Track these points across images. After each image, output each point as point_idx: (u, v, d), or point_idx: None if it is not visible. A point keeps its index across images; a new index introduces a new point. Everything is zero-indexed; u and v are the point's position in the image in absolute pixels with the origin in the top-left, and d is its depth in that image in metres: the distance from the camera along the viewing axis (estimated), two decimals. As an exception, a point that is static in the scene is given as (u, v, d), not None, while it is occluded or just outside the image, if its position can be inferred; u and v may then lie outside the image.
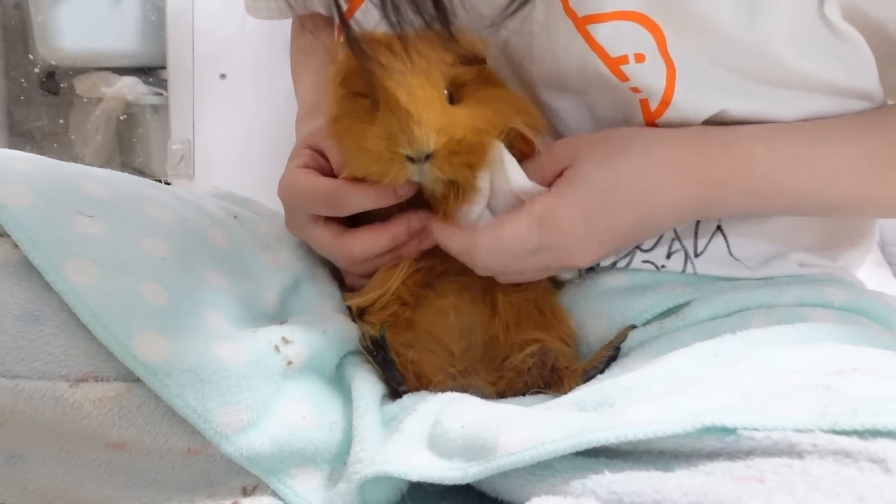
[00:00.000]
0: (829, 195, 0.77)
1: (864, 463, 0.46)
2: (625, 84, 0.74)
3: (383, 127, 0.69)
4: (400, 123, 0.68)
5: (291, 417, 0.68)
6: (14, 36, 1.99)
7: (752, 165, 0.74)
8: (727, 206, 0.76)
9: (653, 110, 0.75)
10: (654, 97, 0.74)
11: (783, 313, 0.74)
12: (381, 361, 0.74)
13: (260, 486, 0.66)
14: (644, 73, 0.73)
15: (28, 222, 0.64)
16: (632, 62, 0.73)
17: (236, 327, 0.70)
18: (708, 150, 0.73)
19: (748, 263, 0.81)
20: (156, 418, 0.64)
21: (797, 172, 0.75)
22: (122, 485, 0.65)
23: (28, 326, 0.62)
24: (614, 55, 0.73)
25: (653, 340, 0.75)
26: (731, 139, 0.74)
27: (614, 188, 0.72)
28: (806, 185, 0.75)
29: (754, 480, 0.47)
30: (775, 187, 0.75)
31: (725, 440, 0.51)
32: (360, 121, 0.72)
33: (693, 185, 0.74)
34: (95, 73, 1.98)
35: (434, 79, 0.70)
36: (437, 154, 0.68)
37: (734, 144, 0.74)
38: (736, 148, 0.74)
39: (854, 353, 0.65)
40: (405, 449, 0.63)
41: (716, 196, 0.75)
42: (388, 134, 0.69)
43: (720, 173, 0.74)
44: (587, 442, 0.54)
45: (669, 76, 0.73)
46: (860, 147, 0.75)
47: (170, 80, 1.82)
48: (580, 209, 0.72)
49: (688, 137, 0.74)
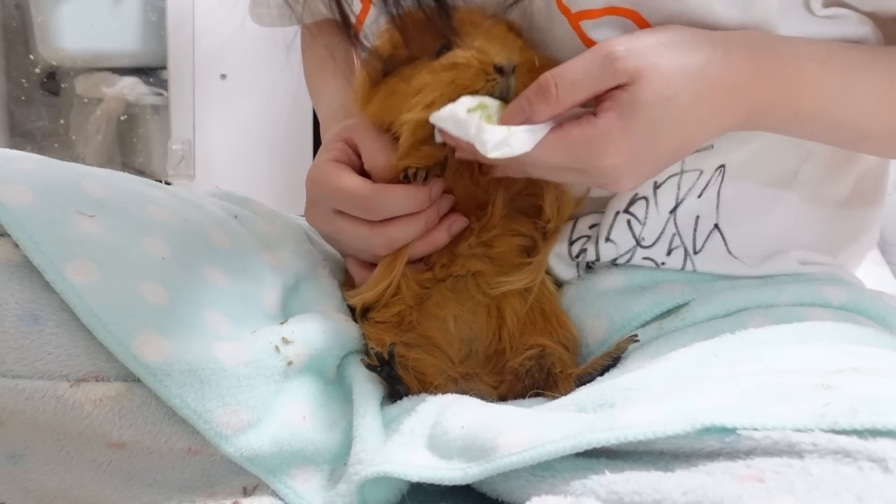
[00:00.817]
0: (863, 125, 0.75)
1: (863, 462, 0.46)
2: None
3: (471, 45, 0.72)
4: (486, 35, 0.72)
5: (291, 418, 0.68)
6: (15, 36, 1.99)
7: (801, 85, 0.71)
8: (767, 125, 0.74)
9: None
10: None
11: (782, 313, 0.74)
12: (387, 376, 0.74)
13: (260, 485, 0.66)
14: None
15: (28, 222, 0.64)
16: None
17: (236, 327, 0.70)
18: (762, 67, 0.69)
19: (747, 261, 0.81)
20: (156, 418, 0.64)
21: (841, 99, 0.73)
22: (123, 484, 0.65)
23: (29, 326, 0.62)
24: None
25: (652, 341, 0.75)
26: (786, 55, 0.71)
27: (668, 117, 0.67)
28: (846, 113, 0.74)
29: (754, 480, 0.47)
30: (817, 112, 0.73)
31: (725, 440, 0.51)
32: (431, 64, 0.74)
33: (742, 107, 0.70)
34: (96, 73, 1.98)
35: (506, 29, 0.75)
36: (519, 68, 0.71)
37: (788, 62, 0.71)
38: (789, 66, 0.71)
39: (853, 353, 0.65)
40: (405, 449, 0.63)
41: (759, 115, 0.72)
42: (478, 48, 0.71)
43: (769, 92, 0.70)
44: (587, 443, 0.54)
45: None
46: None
47: (170, 81, 1.82)
48: (630, 142, 0.67)
49: (745, 52, 0.69)
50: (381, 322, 0.79)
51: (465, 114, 0.69)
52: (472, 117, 0.69)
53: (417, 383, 0.75)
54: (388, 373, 0.73)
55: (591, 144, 0.67)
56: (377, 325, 0.79)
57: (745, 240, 0.81)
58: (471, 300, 0.78)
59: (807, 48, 0.72)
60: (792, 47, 0.71)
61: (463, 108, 0.70)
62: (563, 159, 0.68)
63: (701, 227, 0.80)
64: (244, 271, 0.76)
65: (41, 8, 1.88)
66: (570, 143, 0.67)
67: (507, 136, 0.66)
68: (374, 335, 0.78)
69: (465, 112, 0.69)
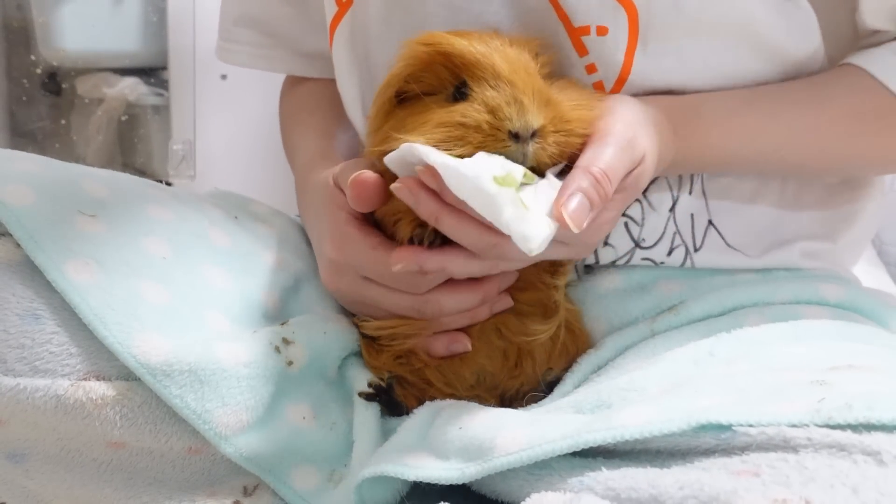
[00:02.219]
0: (774, 166, 0.78)
1: (858, 456, 0.47)
2: (582, 60, 0.74)
3: (483, 101, 0.63)
4: (505, 95, 0.62)
5: (291, 418, 0.68)
6: (16, 37, 1.99)
7: (708, 149, 0.75)
8: (679, 172, 0.78)
9: (609, 91, 0.74)
10: (610, 75, 0.74)
11: (778, 311, 0.74)
12: (386, 403, 0.73)
13: (261, 485, 0.67)
14: (604, 46, 0.72)
15: (30, 222, 0.64)
16: (593, 34, 0.72)
17: (236, 327, 0.70)
18: (678, 138, 0.73)
19: (749, 251, 0.81)
20: (157, 417, 0.64)
21: (746, 150, 0.76)
22: (123, 484, 0.65)
23: (30, 325, 0.62)
24: (578, 24, 0.73)
25: (647, 341, 0.75)
26: (694, 122, 0.74)
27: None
28: (753, 157, 0.77)
29: (750, 474, 0.47)
30: (725, 163, 0.77)
31: (721, 437, 0.51)
32: (442, 111, 0.65)
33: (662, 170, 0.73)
34: (97, 73, 1.98)
35: (530, 65, 0.66)
36: (542, 131, 0.62)
37: (696, 131, 0.74)
38: (698, 135, 0.74)
39: (849, 350, 0.65)
40: (403, 450, 0.63)
41: (671, 171, 0.76)
42: (491, 107, 0.62)
43: (681, 156, 0.74)
44: (584, 442, 0.55)
45: (629, 50, 0.73)
46: (808, 120, 0.76)
47: (171, 81, 1.82)
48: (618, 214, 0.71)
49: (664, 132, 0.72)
50: (385, 347, 0.75)
51: (493, 186, 0.57)
52: (505, 194, 0.57)
53: (416, 402, 0.73)
54: (387, 401, 0.73)
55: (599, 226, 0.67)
56: (381, 348, 0.75)
57: (741, 228, 0.81)
58: (487, 344, 0.75)
59: (711, 109, 0.74)
60: (696, 110, 0.74)
61: (488, 175, 0.58)
62: (566, 239, 0.65)
63: (697, 224, 0.81)
64: (244, 272, 0.76)
65: (42, 8, 1.88)
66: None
67: (550, 232, 0.57)
68: (374, 361, 0.76)
69: (493, 183, 0.57)
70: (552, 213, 0.60)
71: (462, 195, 0.59)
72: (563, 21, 0.73)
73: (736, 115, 0.75)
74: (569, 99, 0.66)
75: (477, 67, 0.64)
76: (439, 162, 0.59)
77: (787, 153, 0.77)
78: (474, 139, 0.62)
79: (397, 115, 0.68)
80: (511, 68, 0.63)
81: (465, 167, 0.58)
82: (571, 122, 0.64)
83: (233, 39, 0.99)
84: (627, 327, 0.77)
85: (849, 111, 0.76)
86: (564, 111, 0.64)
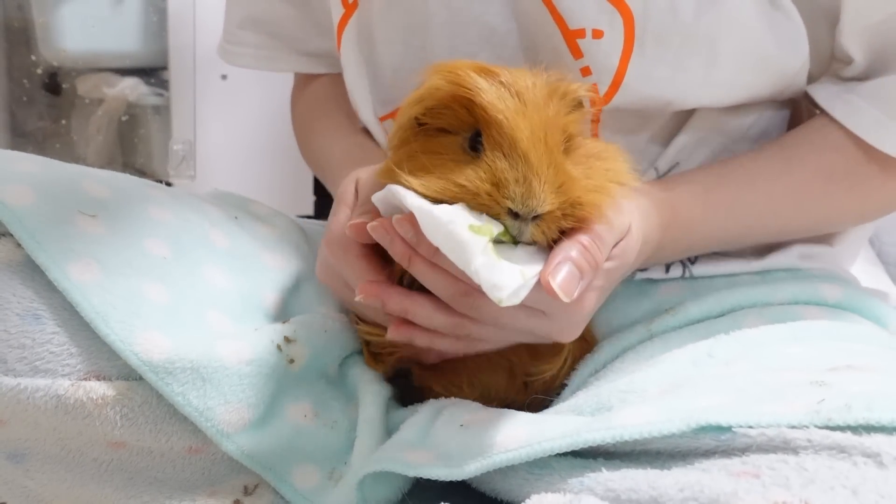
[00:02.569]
0: (757, 234, 0.79)
1: (858, 457, 0.47)
2: (577, 63, 0.74)
3: (491, 169, 0.58)
4: (515, 171, 0.57)
5: (292, 416, 0.68)
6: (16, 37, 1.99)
7: (691, 229, 0.75)
8: (667, 258, 0.78)
9: (602, 95, 0.74)
10: (604, 79, 0.74)
11: (777, 312, 0.75)
12: (403, 388, 0.73)
13: (261, 484, 0.67)
14: (599, 50, 0.73)
15: (31, 221, 0.64)
16: (588, 37, 0.72)
17: (238, 326, 0.70)
18: (663, 220, 0.73)
19: (747, 257, 0.81)
20: (157, 417, 0.64)
21: (727, 223, 0.77)
22: (124, 483, 0.65)
23: (30, 325, 0.62)
24: (573, 27, 0.73)
25: (645, 343, 0.75)
26: (674, 204, 0.74)
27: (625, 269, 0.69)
28: (735, 230, 0.77)
29: (749, 475, 0.47)
30: (709, 240, 0.77)
31: (721, 438, 0.51)
32: (448, 158, 0.61)
33: (653, 250, 0.73)
34: (97, 73, 1.98)
35: (553, 126, 0.60)
36: (548, 215, 0.58)
37: (678, 213, 0.74)
38: (679, 215, 0.74)
39: (848, 351, 0.65)
40: (405, 447, 0.63)
41: (658, 255, 0.75)
42: (497, 179, 0.58)
43: (666, 239, 0.74)
44: (583, 441, 0.55)
45: (624, 55, 0.73)
46: (783, 186, 0.77)
47: (171, 81, 1.82)
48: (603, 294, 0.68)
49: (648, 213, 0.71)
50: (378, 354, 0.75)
51: (467, 232, 0.56)
52: (478, 242, 0.55)
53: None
54: (404, 386, 0.73)
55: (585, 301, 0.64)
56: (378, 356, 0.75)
57: None
58: (488, 364, 0.73)
59: (687, 190, 0.75)
60: (676, 193, 0.74)
61: (464, 222, 0.56)
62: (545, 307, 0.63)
63: None
64: (244, 272, 0.76)
65: (42, 9, 1.89)
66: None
67: (521, 286, 0.55)
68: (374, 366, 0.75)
69: (467, 230, 0.56)
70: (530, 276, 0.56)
71: (435, 241, 0.57)
72: (558, 23, 0.73)
73: (714, 191, 0.76)
74: (589, 174, 0.61)
75: (495, 128, 0.59)
76: (415, 206, 0.58)
77: (767, 221, 0.78)
78: (471, 202, 0.58)
79: (413, 144, 0.64)
80: (531, 138, 0.58)
81: (441, 212, 0.57)
82: (583, 209, 0.59)
83: (237, 42, 0.99)
84: (625, 330, 0.77)
85: (820, 172, 0.77)
86: (578, 195, 0.59)
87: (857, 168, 0.76)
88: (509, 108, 0.59)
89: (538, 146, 0.58)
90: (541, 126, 0.59)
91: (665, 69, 0.73)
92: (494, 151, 0.59)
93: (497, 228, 0.58)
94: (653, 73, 0.73)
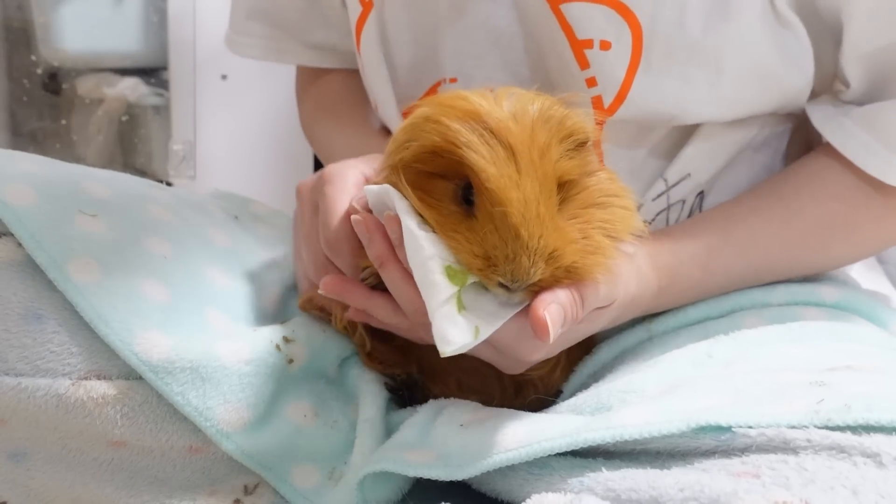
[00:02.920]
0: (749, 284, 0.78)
1: (857, 458, 0.47)
2: (583, 73, 0.74)
3: (481, 242, 0.56)
4: (504, 248, 0.56)
5: (292, 416, 0.68)
6: (16, 37, 2.00)
7: (687, 291, 0.75)
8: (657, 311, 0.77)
9: (607, 106, 0.74)
10: (610, 90, 0.73)
11: (775, 313, 0.75)
12: (409, 398, 0.73)
13: (261, 484, 0.67)
14: (606, 61, 0.72)
15: (31, 221, 0.64)
16: (596, 48, 0.72)
17: (238, 326, 0.70)
18: (661, 284, 0.72)
19: None
20: (157, 416, 0.64)
21: (724, 282, 0.77)
22: (124, 483, 0.65)
23: (31, 325, 0.62)
24: (581, 37, 0.72)
25: (644, 344, 0.75)
26: (675, 272, 0.73)
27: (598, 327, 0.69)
28: (731, 286, 0.77)
29: (749, 476, 0.47)
30: (703, 297, 0.77)
31: (721, 438, 0.52)
32: (442, 205, 0.59)
33: (642, 313, 0.74)
34: (97, 73, 1.99)
35: (547, 182, 0.57)
36: (539, 283, 0.57)
37: (677, 280, 0.73)
38: (678, 283, 0.74)
39: (847, 351, 0.65)
40: (405, 447, 0.63)
41: (648, 312, 0.75)
42: (487, 254, 0.56)
43: (659, 301, 0.74)
44: (583, 441, 0.55)
45: (631, 68, 0.72)
46: (781, 241, 0.76)
47: (171, 81, 1.82)
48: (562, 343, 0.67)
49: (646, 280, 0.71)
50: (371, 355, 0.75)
51: (440, 275, 0.56)
52: (446, 289, 0.56)
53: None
54: (409, 397, 0.73)
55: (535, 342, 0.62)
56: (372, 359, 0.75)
57: None
58: (474, 370, 0.72)
59: (691, 252, 0.74)
60: (679, 258, 0.73)
61: (442, 261, 0.57)
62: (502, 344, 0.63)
63: None
64: (244, 271, 0.76)
65: (43, 9, 1.89)
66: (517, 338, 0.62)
67: (470, 342, 0.55)
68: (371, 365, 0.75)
69: (441, 273, 0.56)
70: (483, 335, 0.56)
71: (411, 263, 0.57)
72: (566, 33, 0.73)
73: (716, 253, 0.75)
74: (585, 230, 0.59)
75: (486, 195, 0.56)
76: (405, 224, 0.57)
77: (763, 275, 0.78)
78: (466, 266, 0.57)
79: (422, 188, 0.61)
80: (523, 210, 0.56)
81: (427, 242, 0.56)
82: (578, 273, 0.58)
83: (244, 32, 0.99)
84: (624, 331, 0.77)
85: (819, 223, 0.77)
86: (573, 260, 0.57)
87: (856, 215, 0.76)
88: (501, 176, 0.56)
89: (529, 217, 0.56)
90: (534, 189, 0.56)
91: (671, 83, 0.73)
92: (484, 219, 0.57)
93: (472, 278, 0.57)
94: (658, 87, 0.73)
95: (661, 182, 0.79)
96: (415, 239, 0.57)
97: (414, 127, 0.60)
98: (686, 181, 0.79)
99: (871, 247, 0.81)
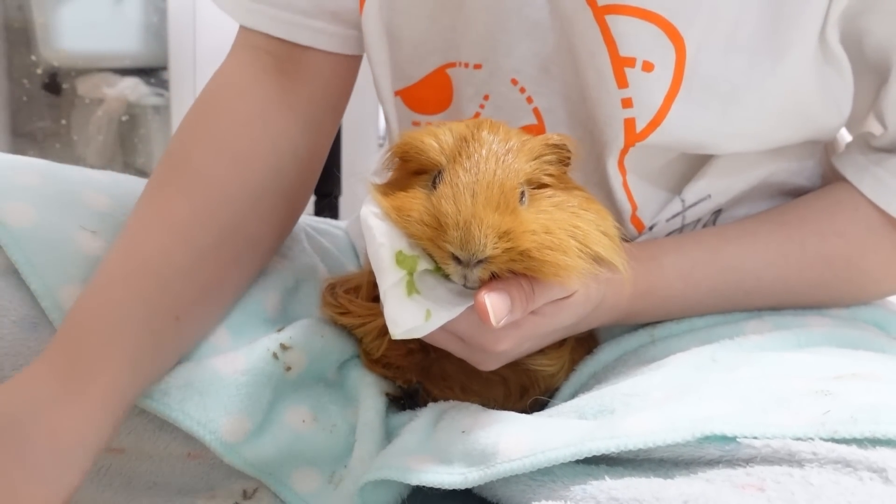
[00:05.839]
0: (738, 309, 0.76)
1: (863, 472, 0.46)
2: (619, 92, 0.70)
3: (437, 207, 0.56)
4: (456, 214, 0.55)
5: (291, 422, 0.68)
6: (17, 37, 2.00)
7: (667, 302, 0.73)
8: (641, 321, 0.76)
9: (638, 131, 0.70)
10: (645, 115, 0.69)
11: (780, 319, 0.74)
12: (411, 407, 0.73)
13: (260, 488, 0.67)
14: (645, 83, 0.68)
15: (28, 244, 0.64)
16: (638, 67, 0.68)
17: (235, 336, 0.70)
18: (637, 290, 0.71)
19: None
20: (155, 424, 0.64)
21: (708, 300, 0.75)
22: (123, 488, 0.65)
23: (26, 333, 0.62)
24: (624, 54, 0.68)
25: (647, 347, 0.74)
26: (652, 280, 0.72)
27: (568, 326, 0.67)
28: (716, 306, 0.75)
29: (754, 488, 0.47)
30: (688, 312, 0.75)
31: (725, 448, 0.51)
32: (403, 197, 0.60)
33: (618, 317, 0.72)
34: (97, 73, 1.99)
35: (509, 169, 0.58)
36: (493, 260, 0.56)
37: (655, 287, 0.72)
38: (656, 291, 0.72)
39: (852, 358, 0.64)
40: (406, 453, 0.63)
41: (628, 320, 0.74)
42: (438, 222, 0.56)
43: (637, 307, 0.72)
44: (587, 450, 0.54)
45: (669, 95, 0.69)
46: (776, 270, 0.74)
47: (171, 81, 1.82)
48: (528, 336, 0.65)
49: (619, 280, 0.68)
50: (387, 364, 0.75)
51: (389, 260, 0.57)
52: (395, 273, 0.57)
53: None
54: (412, 405, 0.73)
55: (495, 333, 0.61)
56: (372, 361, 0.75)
57: None
58: (478, 376, 0.72)
59: (672, 261, 0.73)
60: (660, 264, 0.72)
61: (393, 247, 0.57)
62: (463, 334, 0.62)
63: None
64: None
65: (43, 9, 1.89)
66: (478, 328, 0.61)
67: (421, 325, 0.56)
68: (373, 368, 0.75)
69: (391, 258, 0.57)
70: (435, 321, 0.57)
71: (369, 251, 0.59)
72: (608, 46, 0.69)
73: (700, 268, 0.73)
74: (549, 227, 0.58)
75: (448, 172, 0.58)
76: (363, 215, 0.59)
77: (756, 298, 0.75)
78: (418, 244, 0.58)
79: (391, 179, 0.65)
80: (477, 183, 0.56)
81: (378, 230, 0.58)
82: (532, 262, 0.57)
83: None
84: (626, 334, 0.77)
85: (818, 256, 0.74)
86: (527, 247, 0.56)
87: (862, 257, 0.75)
88: (461, 157, 0.58)
89: (483, 191, 0.56)
90: (492, 172, 0.57)
91: (708, 116, 0.70)
92: (445, 187, 0.57)
93: (424, 265, 0.57)
94: (695, 118, 0.70)
95: (679, 202, 0.77)
96: (369, 229, 0.58)
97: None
98: (705, 202, 0.78)
99: (874, 290, 0.78)
